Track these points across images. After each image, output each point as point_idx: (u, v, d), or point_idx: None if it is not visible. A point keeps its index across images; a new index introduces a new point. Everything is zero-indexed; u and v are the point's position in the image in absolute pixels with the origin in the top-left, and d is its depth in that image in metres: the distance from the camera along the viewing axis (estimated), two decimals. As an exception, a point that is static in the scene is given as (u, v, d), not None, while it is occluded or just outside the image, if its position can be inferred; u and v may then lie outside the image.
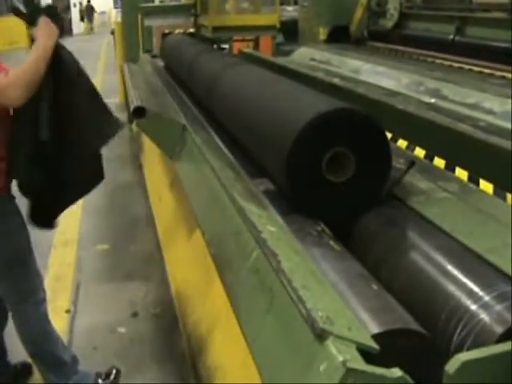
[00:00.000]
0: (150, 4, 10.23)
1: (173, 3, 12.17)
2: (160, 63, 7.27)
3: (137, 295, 4.26)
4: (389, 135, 3.64)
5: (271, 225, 2.09)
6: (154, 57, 7.83)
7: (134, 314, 4.02)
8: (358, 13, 8.19)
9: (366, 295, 1.88)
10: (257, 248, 1.96)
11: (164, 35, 8.61)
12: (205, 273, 3.01)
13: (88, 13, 33.84)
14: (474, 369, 1.42)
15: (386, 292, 1.93)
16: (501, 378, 1.45)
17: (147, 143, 5.95)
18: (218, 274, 2.32)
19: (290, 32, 9.55)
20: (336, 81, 4.90)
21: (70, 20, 29.99)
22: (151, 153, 5.88)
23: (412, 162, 2.69)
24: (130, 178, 6.85)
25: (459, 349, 1.73)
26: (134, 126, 6.40)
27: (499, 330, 1.70)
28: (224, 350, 2.51)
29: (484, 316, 1.76)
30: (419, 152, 3.61)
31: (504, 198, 2.85)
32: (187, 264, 3.51)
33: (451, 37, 6.85)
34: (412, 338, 1.71)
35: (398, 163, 2.73)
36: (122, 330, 3.83)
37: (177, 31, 8.98)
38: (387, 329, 1.69)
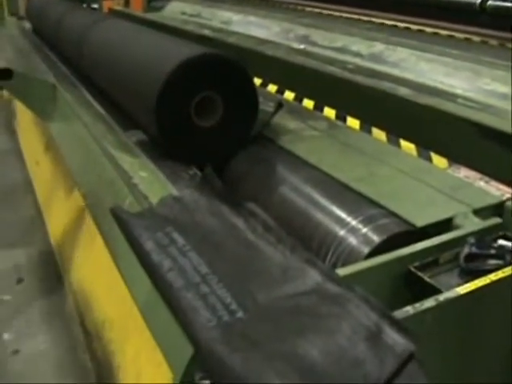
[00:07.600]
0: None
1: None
2: (28, 25, 7.00)
3: (21, 262, 4.18)
4: (259, 81, 3.72)
5: (143, 170, 2.10)
6: (20, 19, 7.52)
7: (19, 281, 3.95)
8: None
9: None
10: (129, 194, 1.98)
11: (30, -4, 8.25)
12: (85, 229, 2.99)
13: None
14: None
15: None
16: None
17: (19, 107, 5.75)
18: (96, 225, 2.32)
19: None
20: (206, 32, 4.90)
21: None
22: (24, 117, 5.68)
23: (280, 104, 2.76)
24: (4, 145, 6.61)
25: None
26: (5, 91, 6.17)
27: (366, 250, 1.79)
28: (109, 301, 2.52)
29: (352, 239, 1.86)
30: (288, 95, 3.68)
31: (370, 132, 2.97)
32: (68, 224, 3.46)
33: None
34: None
35: (268, 106, 2.79)
36: (7, 297, 3.76)
37: (43, -10, 8.63)
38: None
